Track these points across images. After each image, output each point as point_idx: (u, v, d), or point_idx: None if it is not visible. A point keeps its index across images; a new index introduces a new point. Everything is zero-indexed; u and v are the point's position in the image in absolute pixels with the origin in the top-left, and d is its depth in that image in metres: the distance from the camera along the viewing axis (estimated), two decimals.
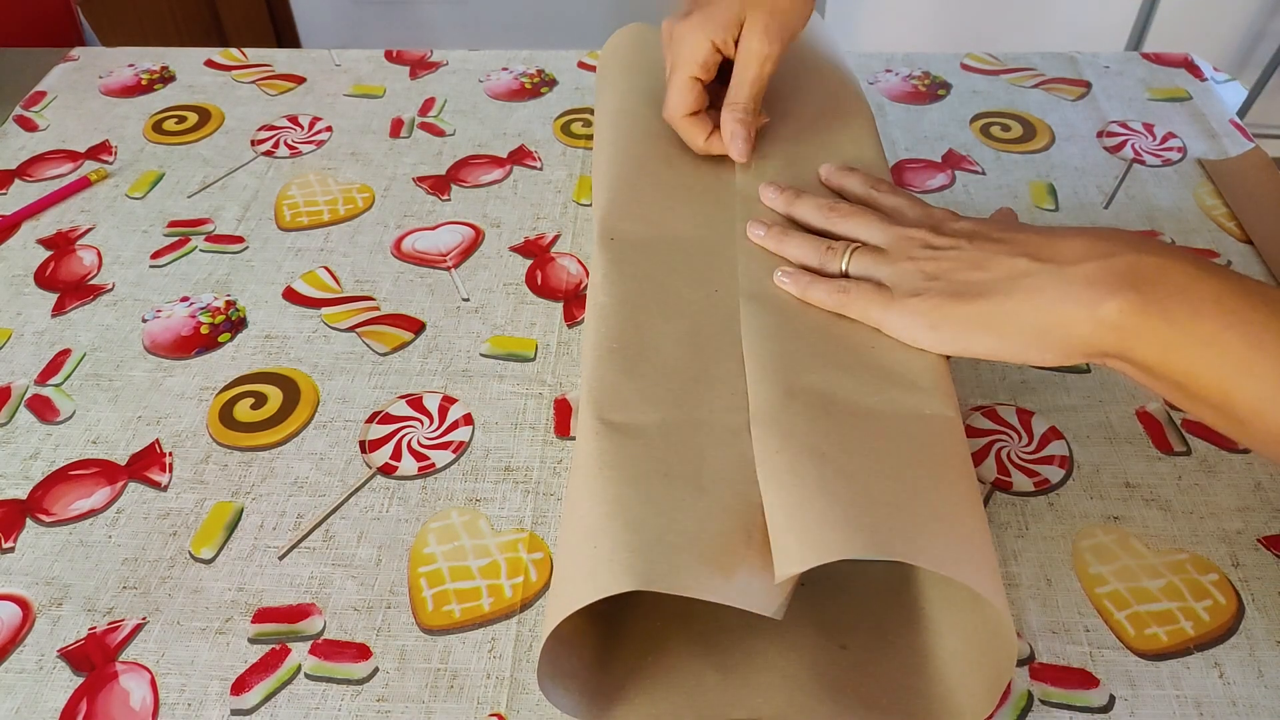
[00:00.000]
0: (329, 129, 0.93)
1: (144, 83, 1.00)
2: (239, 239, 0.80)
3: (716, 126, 0.66)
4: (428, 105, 0.96)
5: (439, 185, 0.85)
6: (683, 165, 0.67)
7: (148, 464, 0.63)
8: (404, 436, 0.64)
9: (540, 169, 0.87)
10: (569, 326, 0.71)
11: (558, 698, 0.48)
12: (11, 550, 0.58)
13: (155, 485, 0.62)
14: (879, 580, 0.54)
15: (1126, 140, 0.89)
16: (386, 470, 0.62)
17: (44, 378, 0.69)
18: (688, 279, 0.58)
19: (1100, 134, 0.90)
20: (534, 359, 0.69)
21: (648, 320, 0.56)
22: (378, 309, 0.73)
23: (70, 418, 0.66)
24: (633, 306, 0.56)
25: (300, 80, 1.00)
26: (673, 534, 0.44)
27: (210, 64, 1.03)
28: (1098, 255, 0.48)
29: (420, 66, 1.02)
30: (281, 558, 0.58)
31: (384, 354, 0.70)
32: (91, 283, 0.76)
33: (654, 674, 0.51)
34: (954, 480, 0.47)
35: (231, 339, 0.71)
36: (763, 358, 0.53)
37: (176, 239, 0.80)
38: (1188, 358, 0.45)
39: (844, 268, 0.56)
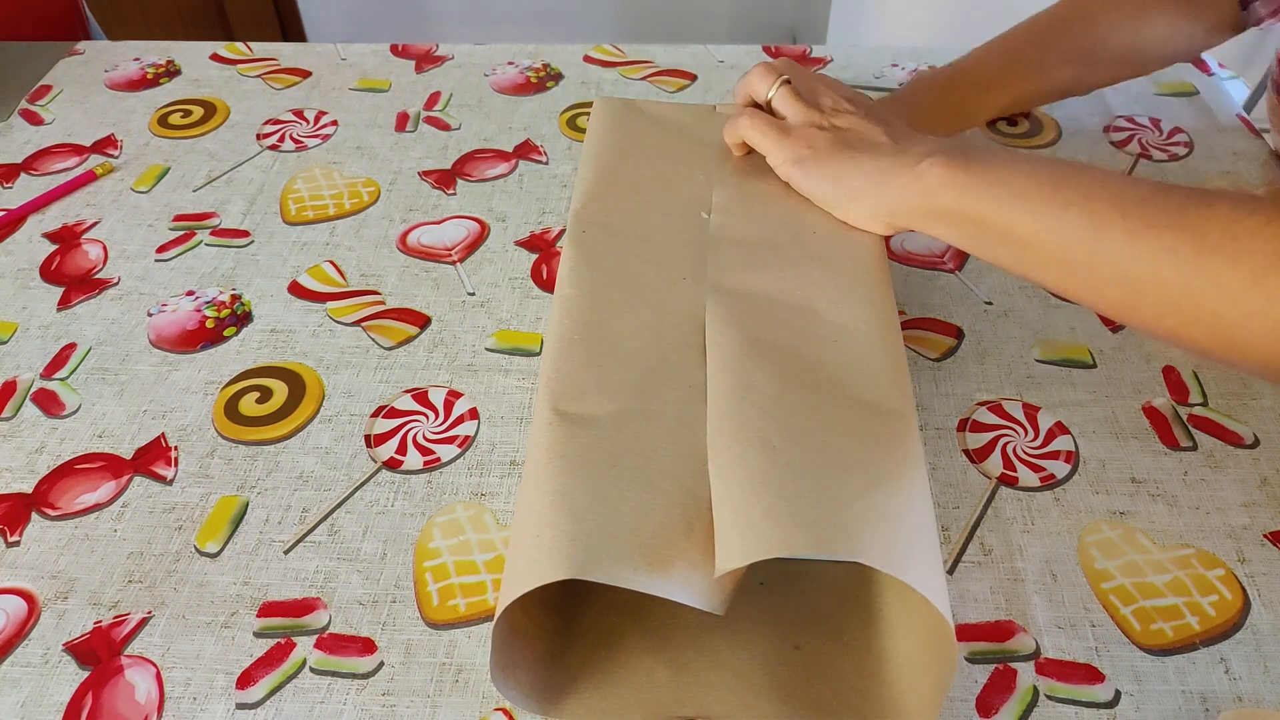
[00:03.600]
0: (334, 123, 0.93)
1: (149, 77, 1.00)
2: (244, 233, 0.80)
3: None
4: (433, 99, 0.96)
5: (444, 179, 0.85)
6: (660, 162, 0.67)
7: (153, 458, 0.63)
8: (409, 431, 0.64)
9: (546, 163, 0.87)
10: None
11: (508, 689, 0.48)
12: (17, 544, 0.58)
13: (161, 479, 0.62)
14: (837, 580, 0.55)
15: (1133, 135, 0.89)
16: (392, 464, 0.62)
17: (50, 371, 0.69)
18: (656, 269, 0.58)
19: (1107, 128, 0.90)
20: (539, 353, 0.69)
21: (612, 310, 0.56)
22: (383, 303, 0.73)
23: (76, 411, 0.66)
24: (598, 297, 0.56)
25: (306, 74, 1.00)
26: (614, 525, 0.44)
27: (216, 58, 1.03)
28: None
29: (426, 60, 1.02)
30: (287, 552, 0.58)
31: (389, 348, 0.70)
32: (97, 277, 0.76)
33: (606, 668, 0.51)
34: (904, 479, 0.47)
35: (237, 333, 0.71)
36: (724, 349, 0.53)
37: (182, 233, 0.80)
38: (978, 196, 0.55)
39: (769, 95, 0.67)
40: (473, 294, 0.74)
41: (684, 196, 0.64)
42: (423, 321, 0.72)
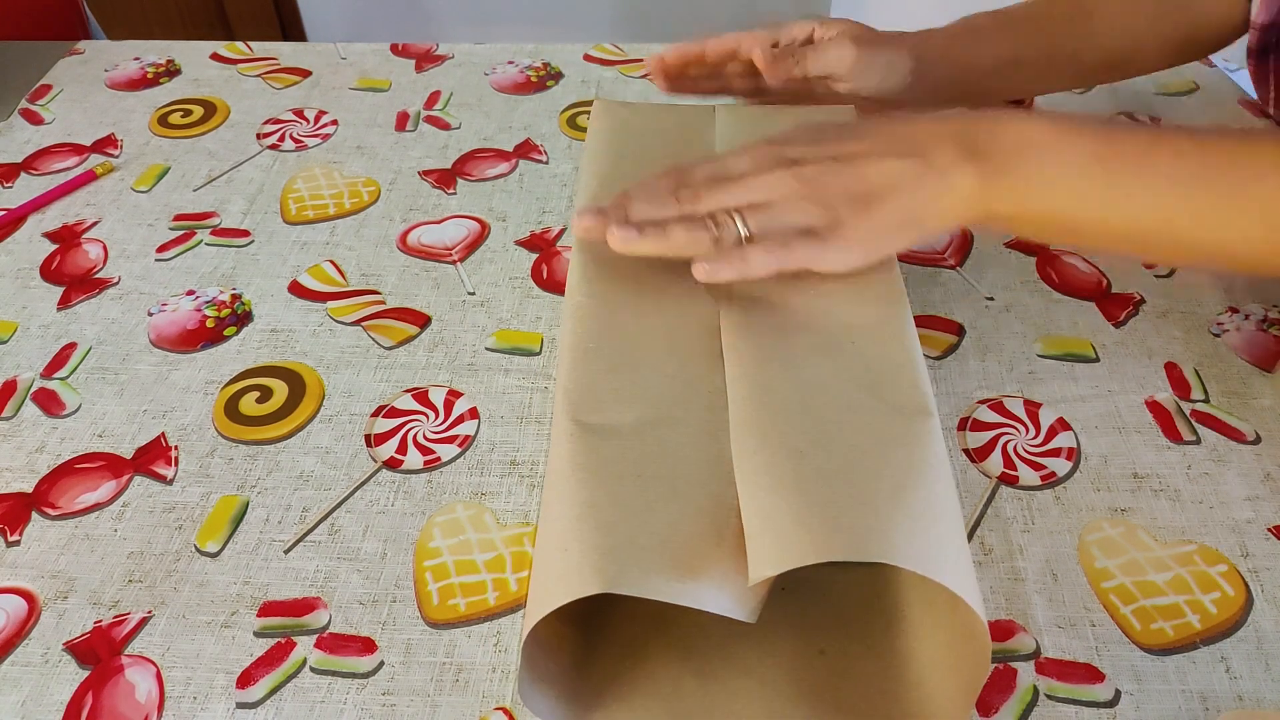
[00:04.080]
0: (334, 122, 0.93)
1: (149, 76, 1.00)
2: (245, 232, 0.80)
3: None
4: (433, 99, 0.96)
5: (445, 179, 0.85)
6: (663, 166, 0.66)
7: (153, 457, 0.63)
8: (409, 430, 0.64)
9: (546, 162, 0.87)
10: None
11: (536, 703, 0.47)
12: (18, 544, 0.58)
13: (161, 479, 0.62)
14: (860, 582, 0.54)
15: None
16: (392, 464, 0.62)
17: (50, 371, 0.69)
18: (667, 275, 0.57)
19: None
20: (539, 353, 0.69)
21: (626, 318, 0.55)
22: (383, 303, 0.73)
23: (76, 411, 0.66)
24: (611, 305, 0.56)
25: (306, 74, 1.00)
26: (644, 537, 0.44)
27: (216, 57, 1.03)
28: (946, 137, 0.55)
29: (426, 60, 1.02)
30: (287, 551, 0.58)
31: (389, 348, 0.70)
32: (97, 276, 0.76)
33: (633, 679, 0.51)
34: (931, 481, 0.46)
35: (237, 332, 0.71)
36: (742, 354, 0.52)
37: (182, 232, 0.80)
38: (1032, 199, 0.55)
39: (745, 233, 0.54)
40: (473, 293, 0.74)
41: None
42: (423, 321, 0.72)
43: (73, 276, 0.76)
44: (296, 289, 0.75)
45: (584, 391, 0.51)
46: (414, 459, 0.62)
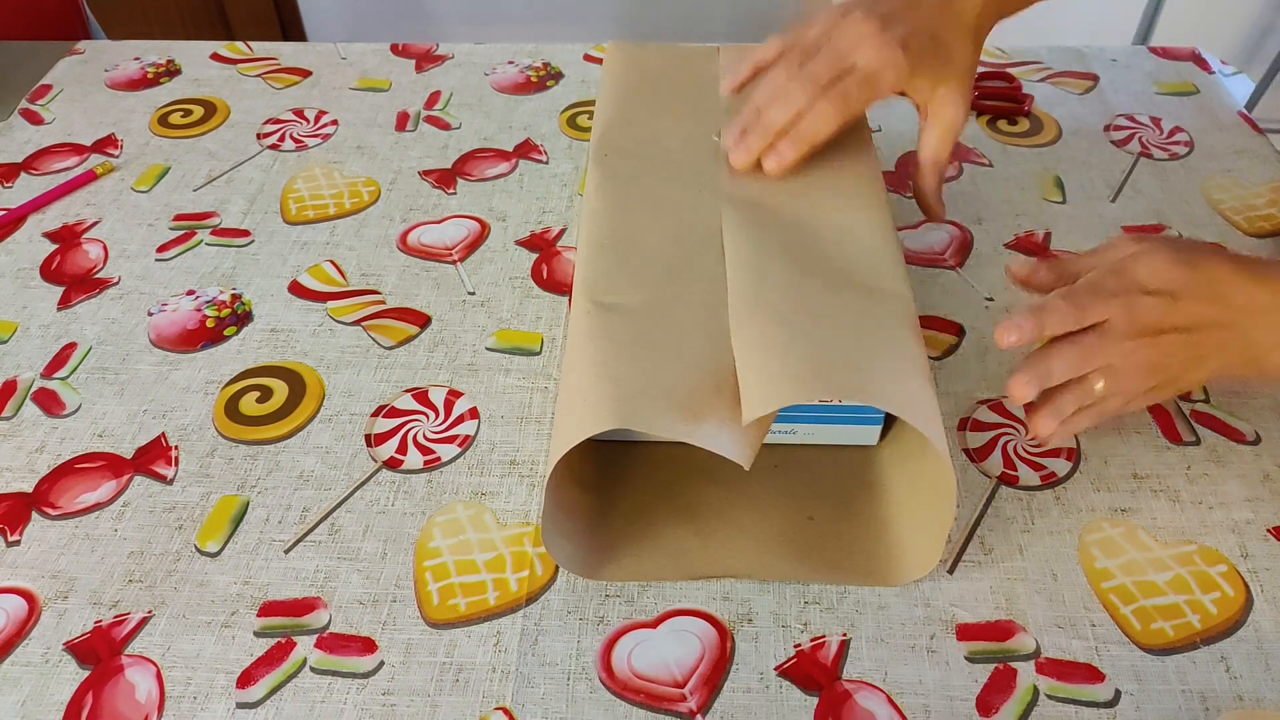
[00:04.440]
0: (335, 122, 0.93)
1: (150, 76, 1.00)
2: (245, 232, 0.80)
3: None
4: (433, 99, 0.95)
5: (445, 179, 0.85)
6: (672, 93, 0.73)
7: (153, 457, 0.63)
8: (410, 430, 0.64)
9: (546, 162, 0.87)
10: None
11: (557, 552, 0.54)
12: (18, 544, 0.58)
13: (161, 479, 0.62)
14: (846, 462, 0.62)
15: (1133, 133, 0.89)
16: (392, 464, 0.62)
17: (50, 371, 0.69)
18: (674, 185, 0.64)
19: (1107, 127, 0.90)
20: (540, 353, 0.69)
21: (637, 219, 0.61)
22: (383, 303, 0.73)
23: (76, 411, 0.66)
24: (623, 208, 0.62)
25: (306, 74, 1.00)
26: (653, 388, 0.50)
27: (216, 57, 1.03)
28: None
29: (426, 60, 1.02)
30: (287, 551, 0.58)
31: (390, 348, 0.70)
32: (97, 276, 0.76)
33: (641, 538, 0.58)
34: (906, 344, 0.53)
35: (237, 332, 0.71)
36: (740, 246, 0.59)
37: (182, 232, 0.80)
38: None
39: (1099, 389, 0.55)
40: (473, 293, 0.74)
41: (695, 122, 0.70)
42: (423, 321, 0.72)
43: (73, 276, 0.76)
44: (296, 289, 0.75)
45: (599, 276, 0.58)
46: (414, 459, 0.62)
